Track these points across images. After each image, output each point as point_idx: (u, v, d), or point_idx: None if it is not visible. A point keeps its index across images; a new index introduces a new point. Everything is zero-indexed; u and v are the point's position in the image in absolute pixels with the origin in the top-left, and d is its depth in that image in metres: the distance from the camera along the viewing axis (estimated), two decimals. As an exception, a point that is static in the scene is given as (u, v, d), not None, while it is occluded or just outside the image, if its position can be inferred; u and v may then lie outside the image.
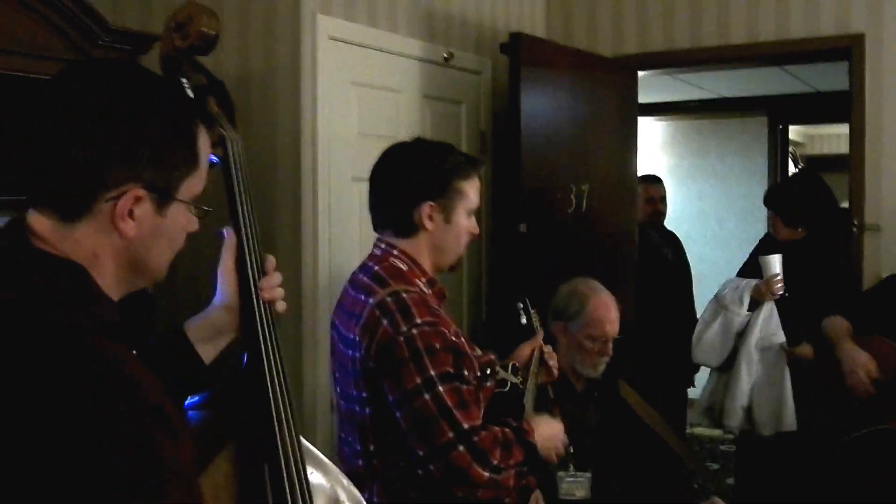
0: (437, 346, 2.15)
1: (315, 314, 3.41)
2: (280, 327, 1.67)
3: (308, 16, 3.41)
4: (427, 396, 2.12)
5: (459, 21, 4.28)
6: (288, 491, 1.57)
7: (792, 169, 8.80)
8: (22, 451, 1.07)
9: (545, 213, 4.16)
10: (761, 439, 4.28)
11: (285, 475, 1.57)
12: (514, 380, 2.53)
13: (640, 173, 5.79)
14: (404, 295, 2.20)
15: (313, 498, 1.62)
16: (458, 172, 2.35)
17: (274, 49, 3.44)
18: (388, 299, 2.20)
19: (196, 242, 1.42)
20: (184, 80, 1.75)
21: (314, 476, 1.69)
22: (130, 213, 1.23)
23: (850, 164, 4.42)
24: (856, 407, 3.59)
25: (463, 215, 2.36)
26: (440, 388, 2.12)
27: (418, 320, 2.16)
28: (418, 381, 2.13)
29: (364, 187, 2.75)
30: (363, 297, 2.26)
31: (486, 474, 2.14)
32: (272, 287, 1.65)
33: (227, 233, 1.65)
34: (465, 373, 2.20)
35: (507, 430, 2.25)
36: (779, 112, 8.05)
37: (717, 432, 6.01)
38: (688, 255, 5.73)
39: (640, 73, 4.89)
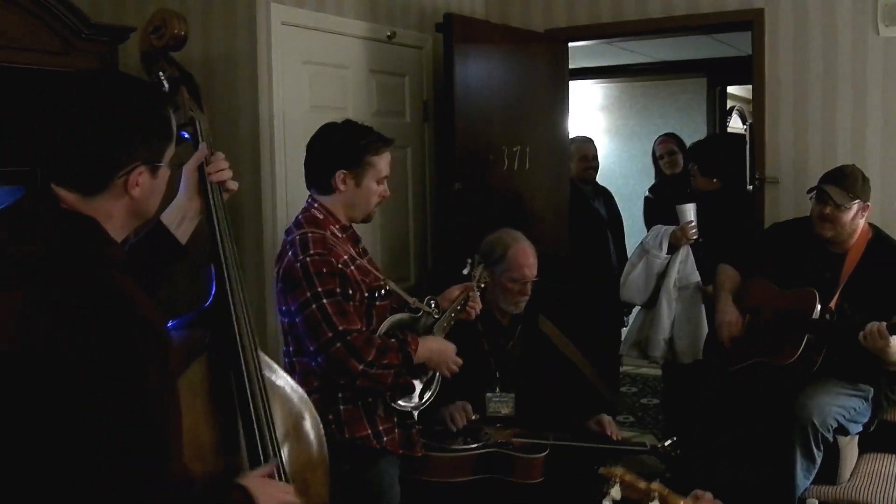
0: (324, 270, 2.80)
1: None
2: (245, 274, 2.18)
3: (263, 4, 3.88)
4: (314, 306, 2.78)
5: (401, 1, 4.73)
6: (248, 389, 2.08)
7: (740, 124, 9.30)
8: (44, 349, 1.56)
9: (480, 172, 4.66)
10: (682, 366, 4.85)
11: (245, 373, 2.08)
12: (426, 308, 3.07)
13: (582, 133, 6.32)
14: (308, 235, 2.85)
15: (268, 390, 2.13)
16: (369, 148, 2.96)
17: (233, 35, 3.91)
18: (297, 238, 2.85)
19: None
20: (161, 73, 2.25)
21: (270, 376, 2.21)
22: (136, 183, 1.73)
23: (754, 123, 4.93)
24: (744, 338, 4.03)
25: (372, 182, 2.97)
26: (324, 301, 2.78)
27: (311, 251, 2.80)
28: (308, 294, 2.79)
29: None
30: (285, 237, 2.95)
31: (361, 366, 2.77)
32: (218, 169, 2.18)
33: (202, 147, 2.17)
34: (350, 291, 2.83)
35: (391, 339, 2.87)
36: (716, 73, 8.55)
37: (655, 371, 6.45)
38: (635, 209, 6.22)
39: (575, 44, 5.40)
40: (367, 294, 2.89)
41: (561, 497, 3.28)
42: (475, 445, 3.30)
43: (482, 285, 3.35)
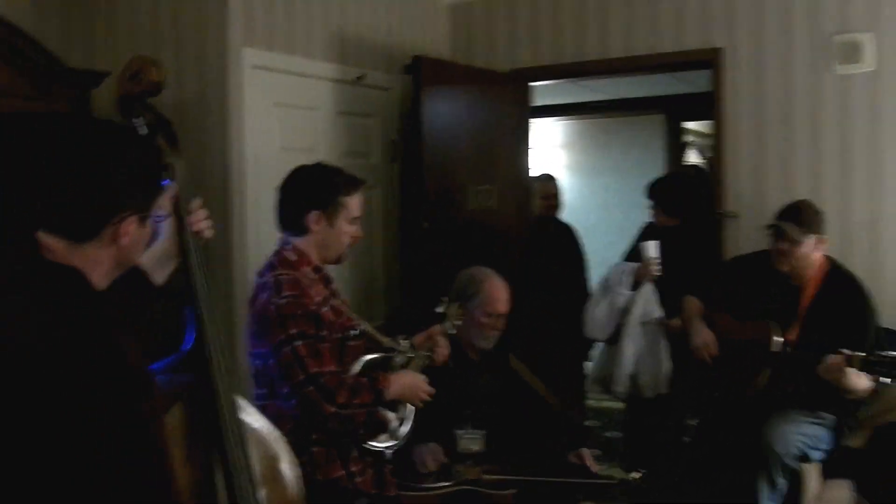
0: (298, 312, 2.82)
1: (246, 305, 3.93)
2: (217, 315, 2.21)
3: (234, 49, 3.95)
4: (287, 349, 2.80)
5: (370, 44, 4.82)
6: (224, 432, 2.11)
7: (698, 159, 9.45)
8: (36, 404, 1.58)
9: (447, 210, 4.73)
10: (645, 401, 4.92)
11: (221, 417, 2.11)
12: (397, 347, 3.11)
13: (541, 171, 6.41)
14: (282, 277, 2.87)
15: (244, 433, 2.16)
16: (342, 189, 2.99)
17: (204, 78, 3.97)
18: (270, 280, 2.87)
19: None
20: (138, 119, 2.28)
21: (247, 419, 2.24)
22: (127, 232, 1.75)
23: (715, 159, 5.05)
24: (708, 371, 4.13)
25: (344, 222, 2.99)
26: (297, 343, 2.79)
27: (285, 293, 2.82)
28: (282, 336, 2.80)
29: (287, 195, 3.28)
30: (258, 279, 2.96)
31: (332, 409, 2.79)
32: (199, 219, 2.22)
33: (172, 186, 2.16)
34: (324, 333, 2.85)
35: (362, 378, 2.89)
36: (674, 110, 8.72)
37: (618, 405, 6.51)
38: (597, 243, 6.31)
39: (536, 84, 5.51)
40: (340, 335, 2.92)
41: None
42: (446, 484, 3.33)
43: (458, 322, 3.39)
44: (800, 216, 3.94)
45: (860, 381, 3.58)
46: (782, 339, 3.82)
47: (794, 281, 3.97)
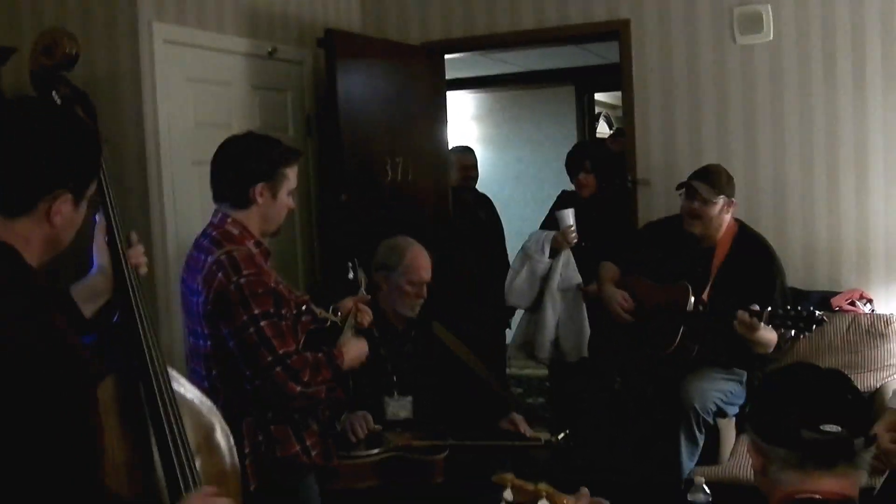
0: (259, 291, 2.77)
1: (167, 279, 3.93)
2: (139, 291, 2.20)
3: (144, 24, 3.88)
4: (252, 330, 2.74)
5: (281, 18, 4.78)
6: (158, 400, 2.11)
7: (607, 129, 9.61)
8: None
9: (366, 183, 4.75)
10: (568, 365, 5.03)
11: (156, 389, 2.10)
12: (334, 318, 3.12)
13: (454, 143, 6.46)
14: (235, 253, 2.79)
15: (178, 404, 2.16)
16: (285, 160, 2.95)
17: (116, 55, 3.89)
18: (223, 258, 2.79)
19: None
20: (54, 92, 2.25)
21: (179, 389, 2.23)
22: (59, 211, 1.74)
23: (625, 128, 5.17)
24: (626, 333, 4.26)
25: (285, 194, 2.95)
26: (262, 323, 2.75)
27: (245, 272, 2.76)
28: (245, 318, 2.74)
29: (203, 170, 3.24)
30: (203, 256, 2.85)
31: (298, 388, 2.77)
32: (137, 255, 2.21)
33: (98, 218, 2.17)
34: (283, 311, 2.82)
35: (319, 354, 2.88)
36: (584, 82, 8.86)
37: (541, 371, 6.62)
38: (511, 214, 6.38)
39: (448, 56, 5.55)
40: (294, 312, 2.89)
41: (463, 497, 3.37)
42: (376, 451, 3.36)
43: (363, 289, 3.41)
44: (710, 177, 4.07)
45: (768, 335, 3.73)
46: (695, 299, 3.95)
47: (706, 243, 4.10)
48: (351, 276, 3.40)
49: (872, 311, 4.55)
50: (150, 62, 3.90)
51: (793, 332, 3.62)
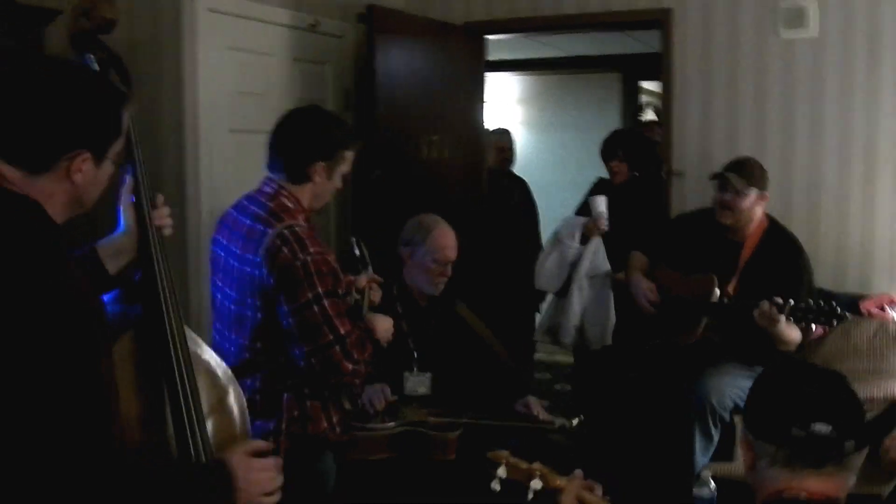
0: (324, 269, 2.77)
1: (198, 242, 4.01)
2: (169, 253, 2.27)
3: (189, -10, 3.95)
4: (315, 308, 2.75)
5: (325, -9, 4.84)
6: (173, 358, 2.17)
7: (652, 117, 9.55)
8: None
9: (399, 160, 4.78)
10: (592, 353, 5.05)
11: (171, 347, 2.16)
12: (356, 297, 3.15)
13: (497, 125, 6.49)
14: (297, 229, 2.79)
15: (193, 364, 2.22)
16: (346, 143, 2.95)
17: (159, 20, 3.97)
18: (286, 231, 2.78)
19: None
20: (90, 55, 2.31)
21: (196, 350, 2.29)
22: (80, 168, 1.80)
23: (663, 118, 5.16)
24: (649, 323, 4.27)
25: (339, 176, 2.96)
26: (325, 302, 2.75)
27: (311, 249, 2.76)
28: (309, 296, 2.74)
29: (241, 137, 3.33)
30: (260, 226, 2.83)
31: (351, 366, 2.81)
32: (162, 217, 2.26)
33: (127, 178, 2.23)
34: (340, 290, 2.84)
35: (361, 333, 2.90)
36: (630, 69, 8.81)
37: (568, 359, 6.64)
38: (551, 198, 6.39)
39: (494, 37, 5.56)
40: (345, 290, 2.92)
41: (473, 475, 3.40)
42: (391, 424, 3.40)
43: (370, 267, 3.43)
44: (744, 169, 4.06)
45: (791, 331, 3.72)
46: (720, 291, 3.94)
47: (735, 237, 4.09)
48: (357, 252, 3.44)
49: (903, 316, 4.51)
50: (192, 29, 3.97)
51: (813, 325, 3.62)
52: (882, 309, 4.50)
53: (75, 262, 2.12)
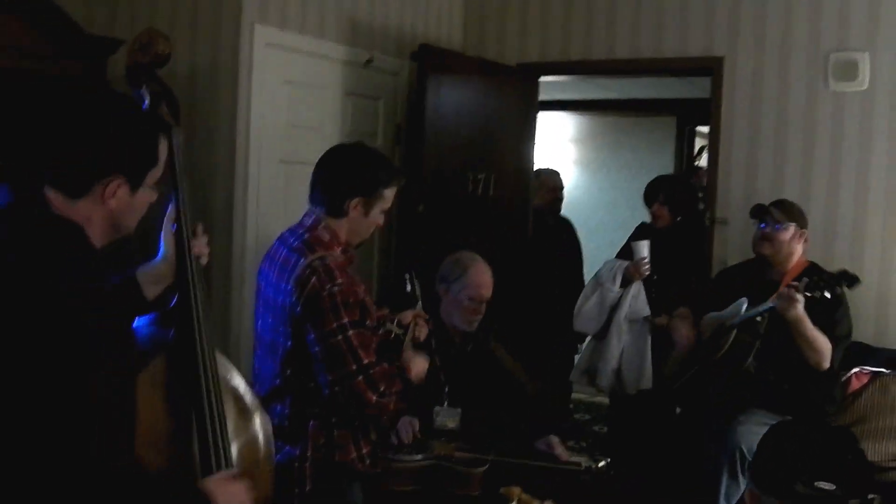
0: (350, 301, 2.84)
1: (242, 272, 4.11)
2: (214, 280, 2.37)
3: (247, 26, 4.09)
4: (340, 337, 2.82)
5: (381, 28, 4.95)
6: (202, 382, 2.25)
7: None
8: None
9: (443, 196, 4.86)
10: (627, 396, 5.06)
11: (201, 372, 2.25)
12: (398, 331, 3.22)
13: (548, 164, 6.54)
14: (328, 260, 2.87)
15: (222, 390, 2.30)
16: (386, 182, 3.01)
17: (218, 53, 4.11)
18: (317, 263, 2.86)
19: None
20: (144, 87, 2.43)
21: (226, 376, 2.37)
22: (114, 194, 1.90)
23: (708, 164, 5.17)
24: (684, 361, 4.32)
25: (378, 212, 3.03)
26: (350, 332, 2.82)
27: (339, 280, 2.84)
28: (335, 325, 2.81)
29: (290, 169, 3.44)
30: (295, 256, 2.91)
31: (375, 398, 2.86)
32: (199, 245, 2.37)
33: (169, 207, 2.33)
34: (367, 322, 2.91)
35: (391, 366, 2.97)
36: (685, 114, 8.83)
37: (605, 400, 6.64)
38: (600, 239, 6.42)
39: (548, 78, 5.64)
40: (375, 325, 2.97)
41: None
42: (419, 457, 3.44)
43: (420, 303, 3.48)
44: (784, 206, 4.18)
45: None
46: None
47: (775, 275, 4.12)
48: (409, 288, 3.49)
49: (943, 374, 4.45)
50: (249, 62, 4.10)
51: (828, 294, 3.76)
52: (924, 365, 4.46)
53: (113, 286, 2.25)
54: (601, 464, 3.58)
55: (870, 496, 1.77)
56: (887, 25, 4.63)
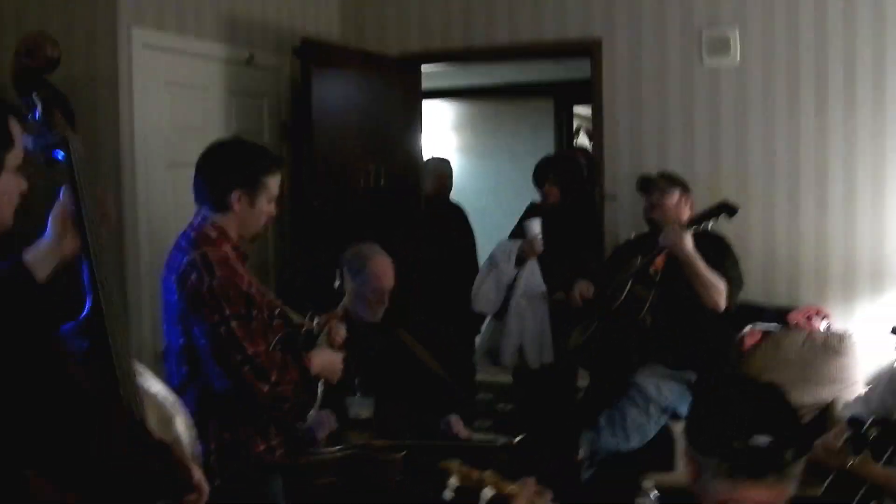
0: (231, 292, 2.84)
1: (138, 279, 4.05)
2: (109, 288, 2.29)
3: (124, 28, 3.99)
4: (222, 330, 2.81)
5: (260, 25, 4.90)
6: (122, 391, 2.21)
7: (587, 142, 9.74)
8: None
9: (338, 190, 4.86)
10: (531, 372, 5.16)
11: (121, 385, 2.21)
12: (310, 326, 3.20)
13: (433, 152, 6.59)
14: (209, 255, 2.87)
15: (141, 397, 2.26)
16: (265, 170, 3.00)
17: (95, 58, 4.00)
18: (197, 258, 2.86)
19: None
20: (34, 94, 2.35)
21: (143, 384, 2.33)
22: None
23: (593, 144, 5.31)
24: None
25: (264, 202, 3.01)
26: (232, 324, 2.81)
27: (217, 273, 2.84)
28: (216, 318, 2.81)
29: (178, 173, 3.37)
30: (180, 256, 2.92)
31: (266, 388, 2.84)
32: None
33: (62, 193, 2.26)
34: (254, 313, 2.89)
35: (287, 356, 2.95)
36: (563, 95, 9.00)
37: (509, 379, 6.74)
38: (487, 224, 6.50)
39: (428, 66, 5.67)
40: (266, 314, 2.95)
41: (417, 495, 3.46)
42: (336, 448, 3.46)
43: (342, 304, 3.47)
44: (666, 174, 4.43)
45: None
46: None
47: None
48: (337, 284, 3.47)
49: (829, 327, 4.69)
50: (129, 66, 4.01)
51: (711, 222, 4.03)
52: (809, 320, 4.68)
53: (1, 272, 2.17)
54: (516, 440, 3.65)
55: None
56: (755, 0, 4.81)
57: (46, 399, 1.71)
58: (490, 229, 6.52)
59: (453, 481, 2.10)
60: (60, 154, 2.31)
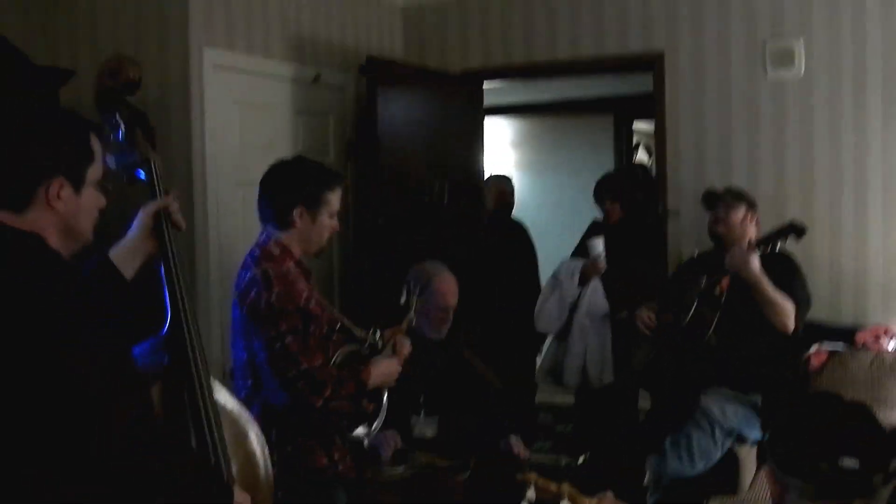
0: (289, 308, 2.90)
1: (208, 296, 4.10)
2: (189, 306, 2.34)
3: (196, 49, 4.07)
4: (279, 344, 2.88)
5: (326, 44, 4.96)
6: (202, 412, 2.25)
7: (646, 158, 9.69)
8: None
9: (403, 207, 4.89)
10: (593, 392, 5.14)
11: (200, 400, 2.25)
12: (373, 340, 3.22)
13: (492, 168, 6.61)
14: (270, 272, 2.94)
15: (218, 412, 2.30)
16: (325, 186, 3.07)
17: (167, 79, 4.08)
18: (257, 273, 2.94)
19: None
20: (117, 114, 2.42)
21: (219, 398, 2.38)
22: (57, 195, 1.85)
23: (656, 158, 5.28)
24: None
25: (326, 217, 3.07)
26: (287, 339, 2.88)
27: (275, 289, 2.90)
28: (273, 332, 2.88)
29: (247, 190, 3.42)
30: (244, 273, 3.01)
31: (320, 402, 2.89)
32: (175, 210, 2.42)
33: (163, 197, 2.39)
34: (311, 328, 2.94)
35: (344, 370, 2.98)
36: (622, 111, 8.96)
37: (569, 400, 6.70)
38: (547, 241, 6.50)
39: (488, 82, 5.70)
40: (326, 329, 3.00)
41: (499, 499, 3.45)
42: (401, 468, 3.48)
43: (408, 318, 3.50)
44: (732, 189, 4.38)
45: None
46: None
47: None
48: (402, 300, 3.50)
49: (897, 347, 4.60)
50: (200, 86, 4.09)
51: (780, 243, 3.96)
52: (877, 339, 4.60)
53: (90, 272, 2.21)
54: (580, 460, 3.64)
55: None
56: (820, 10, 4.76)
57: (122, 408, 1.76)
58: (550, 246, 6.51)
59: (531, 494, 2.11)
60: (142, 173, 2.38)
